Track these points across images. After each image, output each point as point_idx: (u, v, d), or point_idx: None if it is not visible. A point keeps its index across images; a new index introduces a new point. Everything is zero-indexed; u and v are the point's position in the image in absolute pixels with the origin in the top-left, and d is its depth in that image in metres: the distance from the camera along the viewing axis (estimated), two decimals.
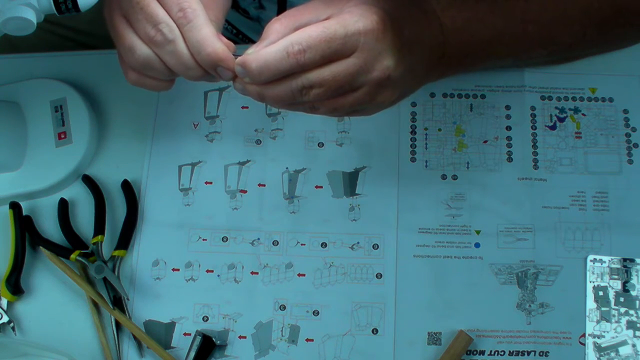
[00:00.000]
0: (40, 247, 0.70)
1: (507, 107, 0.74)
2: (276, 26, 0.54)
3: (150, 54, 0.56)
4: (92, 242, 0.70)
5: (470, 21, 0.62)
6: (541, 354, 0.67)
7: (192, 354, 0.66)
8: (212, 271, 0.70)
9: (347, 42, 0.52)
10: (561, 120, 0.73)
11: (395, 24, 0.54)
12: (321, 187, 0.72)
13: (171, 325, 0.69)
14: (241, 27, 0.87)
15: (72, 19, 0.87)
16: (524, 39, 0.65)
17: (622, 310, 0.68)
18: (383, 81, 0.54)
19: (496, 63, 0.71)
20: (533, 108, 0.74)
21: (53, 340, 0.68)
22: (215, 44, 0.54)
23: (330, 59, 0.52)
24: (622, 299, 0.68)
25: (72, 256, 0.69)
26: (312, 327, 0.69)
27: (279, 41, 0.52)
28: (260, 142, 0.74)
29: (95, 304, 0.69)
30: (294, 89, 0.53)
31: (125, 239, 0.71)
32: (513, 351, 0.67)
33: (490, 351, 0.67)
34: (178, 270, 0.71)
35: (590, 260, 0.69)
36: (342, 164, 0.73)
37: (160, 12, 0.55)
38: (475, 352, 0.67)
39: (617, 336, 0.67)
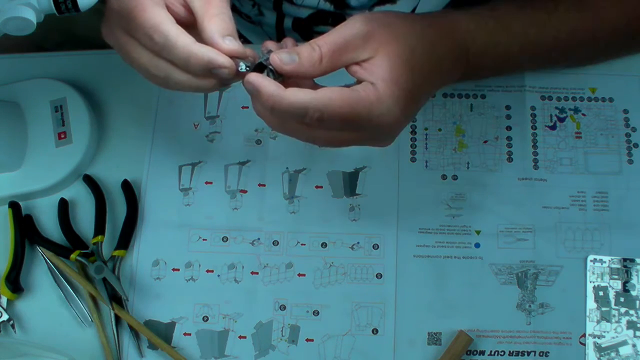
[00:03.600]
0: (39, 248, 0.70)
1: (507, 107, 0.74)
2: (315, 57, 0.52)
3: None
4: (92, 242, 0.70)
5: (496, 59, 0.63)
6: (541, 354, 0.67)
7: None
8: (212, 271, 0.70)
9: (367, 126, 0.53)
10: (561, 120, 0.73)
11: (415, 99, 0.55)
12: (321, 187, 0.72)
13: (171, 325, 0.69)
14: (242, 31, 0.87)
15: (73, 26, 0.87)
16: (543, 62, 0.66)
17: (623, 310, 0.68)
18: (386, 145, 0.57)
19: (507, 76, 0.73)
20: (533, 108, 0.74)
21: (53, 338, 0.68)
22: (195, 49, 0.52)
23: (344, 129, 0.53)
24: (622, 299, 0.68)
25: (72, 256, 0.69)
26: (312, 327, 0.69)
27: (304, 96, 0.50)
28: (260, 142, 0.74)
29: (95, 303, 0.69)
30: (297, 135, 0.54)
31: (125, 239, 0.71)
32: (513, 351, 0.67)
33: (491, 351, 0.67)
34: (178, 270, 0.71)
35: (591, 261, 0.69)
36: (342, 164, 0.73)
37: (143, 58, 0.55)
38: (475, 353, 0.67)
39: (617, 336, 0.67)
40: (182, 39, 0.52)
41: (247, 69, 0.54)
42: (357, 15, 0.54)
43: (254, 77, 0.52)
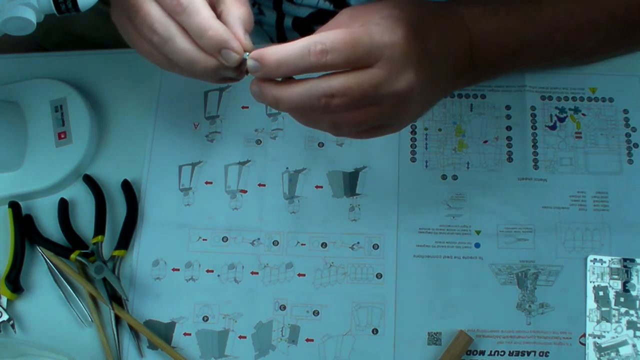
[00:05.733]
0: (38, 248, 0.70)
1: (507, 107, 0.74)
2: None
3: (158, 55, 0.56)
4: (92, 242, 0.70)
5: (499, 33, 0.62)
6: (541, 354, 0.67)
7: None
8: (212, 271, 0.70)
9: (372, 51, 0.51)
10: (561, 120, 0.73)
11: (420, 37, 0.54)
12: (321, 187, 0.72)
13: (171, 325, 0.69)
14: None
15: (73, 26, 0.87)
16: (550, 48, 0.66)
17: (623, 310, 0.68)
18: (406, 94, 0.53)
19: (520, 70, 0.72)
20: (533, 108, 0.74)
21: (53, 338, 0.68)
22: (216, 24, 0.53)
23: (353, 65, 0.51)
24: (622, 299, 0.68)
25: (72, 256, 0.69)
26: (312, 327, 0.69)
27: (302, 39, 0.50)
28: (261, 142, 0.74)
29: (95, 303, 0.69)
30: (313, 96, 0.51)
31: (125, 239, 0.71)
32: (513, 351, 0.67)
33: (490, 351, 0.67)
34: (178, 270, 0.71)
35: (591, 261, 0.69)
36: (342, 164, 0.73)
37: (153, 11, 0.54)
38: (475, 353, 0.67)
39: (617, 336, 0.67)
40: (205, 11, 0.53)
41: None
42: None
43: (255, 51, 0.51)
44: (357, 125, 0.54)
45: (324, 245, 0.71)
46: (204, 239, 0.71)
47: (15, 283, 0.69)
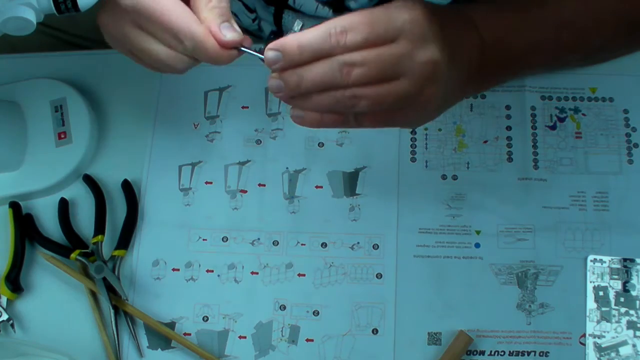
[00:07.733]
0: (38, 251, 0.70)
1: (507, 107, 0.74)
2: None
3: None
4: (92, 241, 0.70)
5: (507, 32, 0.62)
6: (541, 354, 0.67)
7: None
8: (212, 271, 0.71)
9: (390, 27, 0.51)
10: (561, 120, 0.73)
11: (437, 19, 0.54)
12: (321, 187, 0.72)
13: (171, 325, 0.69)
14: None
15: (75, 27, 0.87)
16: (557, 47, 0.66)
17: (623, 310, 0.68)
18: (428, 71, 0.53)
19: (529, 73, 0.72)
20: (533, 108, 0.74)
21: (53, 338, 0.68)
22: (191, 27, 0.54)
23: (373, 44, 0.51)
24: (622, 299, 0.68)
25: (72, 256, 0.69)
26: (312, 327, 0.69)
27: (321, 24, 0.51)
28: (261, 142, 0.74)
29: (96, 302, 0.69)
30: (335, 66, 0.51)
31: (125, 239, 0.71)
32: (513, 351, 0.67)
33: (491, 351, 0.67)
34: (178, 270, 0.71)
35: (591, 260, 0.69)
36: (342, 164, 0.73)
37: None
38: (475, 352, 0.67)
39: (617, 336, 0.67)
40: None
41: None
42: None
43: (271, 44, 0.51)
44: (379, 103, 0.53)
45: (324, 245, 0.71)
46: (204, 239, 0.71)
47: (15, 283, 0.69)
